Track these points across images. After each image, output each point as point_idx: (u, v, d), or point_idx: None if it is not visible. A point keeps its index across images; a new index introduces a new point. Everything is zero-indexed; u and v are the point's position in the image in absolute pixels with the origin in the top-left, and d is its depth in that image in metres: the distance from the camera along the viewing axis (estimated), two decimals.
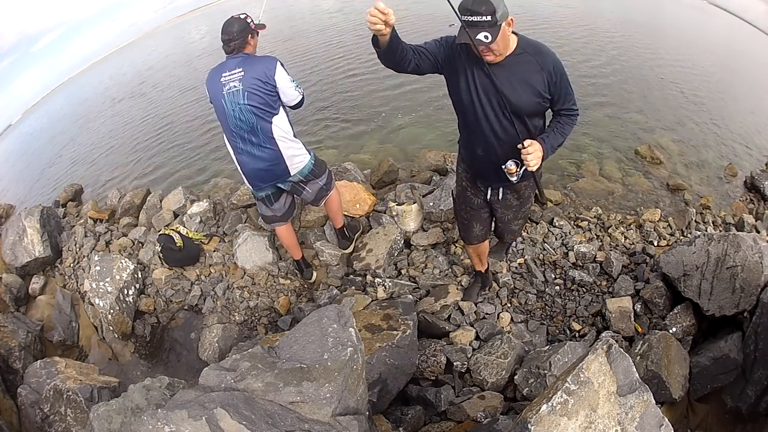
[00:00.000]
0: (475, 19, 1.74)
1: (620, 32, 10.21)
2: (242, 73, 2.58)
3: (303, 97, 2.78)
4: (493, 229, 2.79)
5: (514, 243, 3.43)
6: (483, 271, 3.10)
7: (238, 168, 2.86)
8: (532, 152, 1.94)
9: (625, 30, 10.48)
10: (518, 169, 2.10)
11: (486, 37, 1.75)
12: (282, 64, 2.65)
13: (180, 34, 22.85)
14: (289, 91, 2.67)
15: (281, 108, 2.72)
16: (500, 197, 2.40)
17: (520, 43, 1.96)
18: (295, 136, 2.84)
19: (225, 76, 2.60)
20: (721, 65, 8.76)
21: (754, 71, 9.08)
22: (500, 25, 1.76)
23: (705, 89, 7.18)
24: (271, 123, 2.67)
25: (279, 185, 2.94)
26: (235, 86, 2.57)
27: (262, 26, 2.77)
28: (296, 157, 2.83)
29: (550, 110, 2.13)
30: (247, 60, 2.62)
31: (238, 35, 2.62)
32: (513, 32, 1.93)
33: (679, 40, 10.41)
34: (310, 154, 2.94)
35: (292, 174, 2.86)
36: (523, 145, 1.95)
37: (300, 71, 8.92)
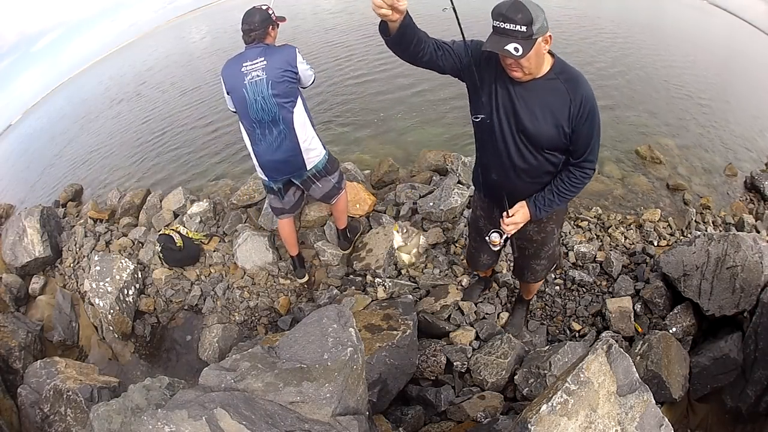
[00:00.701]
0: (508, 27, 1.52)
1: (621, 32, 10.21)
2: (265, 63, 2.58)
3: (315, 76, 2.84)
4: (513, 269, 2.65)
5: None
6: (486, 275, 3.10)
7: (254, 159, 2.85)
8: (510, 224, 1.87)
9: (626, 30, 10.48)
10: (501, 240, 2.02)
11: (516, 50, 1.52)
12: (299, 51, 2.69)
13: (180, 34, 22.79)
14: (307, 73, 2.73)
15: (299, 98, 2.74)
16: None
17: (555, 67, 1.72)
18: (313, 126, 2.85)
19: (246, 66, 2.59)
20: (721, 65, 8.76)
21: (754, 71, 9.07)
22: (536, 39, 1.55)
23: (705, 89, 7.18)
24: (292, 113, 2.68)
25: (291, 179, 2.95)
26: (258, 75, 2.57)
27: (283, 18, 2.78)
28: (312, 150, 2.84)
29: None
30: (267, 50, 2.63)
31: (259, 25, 2.63)
32: (550, 52, 1.71)
33: (679, 40, 10.41)
34: (324, 149, 2.96)
35: (307, 168, 2.86)
36: (508, 213, 1.86)
37: None
